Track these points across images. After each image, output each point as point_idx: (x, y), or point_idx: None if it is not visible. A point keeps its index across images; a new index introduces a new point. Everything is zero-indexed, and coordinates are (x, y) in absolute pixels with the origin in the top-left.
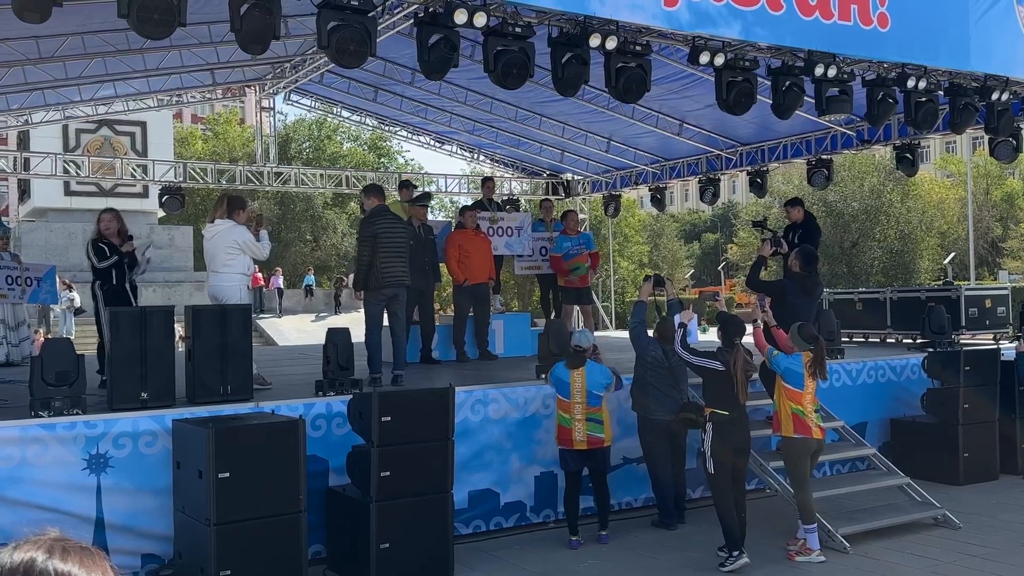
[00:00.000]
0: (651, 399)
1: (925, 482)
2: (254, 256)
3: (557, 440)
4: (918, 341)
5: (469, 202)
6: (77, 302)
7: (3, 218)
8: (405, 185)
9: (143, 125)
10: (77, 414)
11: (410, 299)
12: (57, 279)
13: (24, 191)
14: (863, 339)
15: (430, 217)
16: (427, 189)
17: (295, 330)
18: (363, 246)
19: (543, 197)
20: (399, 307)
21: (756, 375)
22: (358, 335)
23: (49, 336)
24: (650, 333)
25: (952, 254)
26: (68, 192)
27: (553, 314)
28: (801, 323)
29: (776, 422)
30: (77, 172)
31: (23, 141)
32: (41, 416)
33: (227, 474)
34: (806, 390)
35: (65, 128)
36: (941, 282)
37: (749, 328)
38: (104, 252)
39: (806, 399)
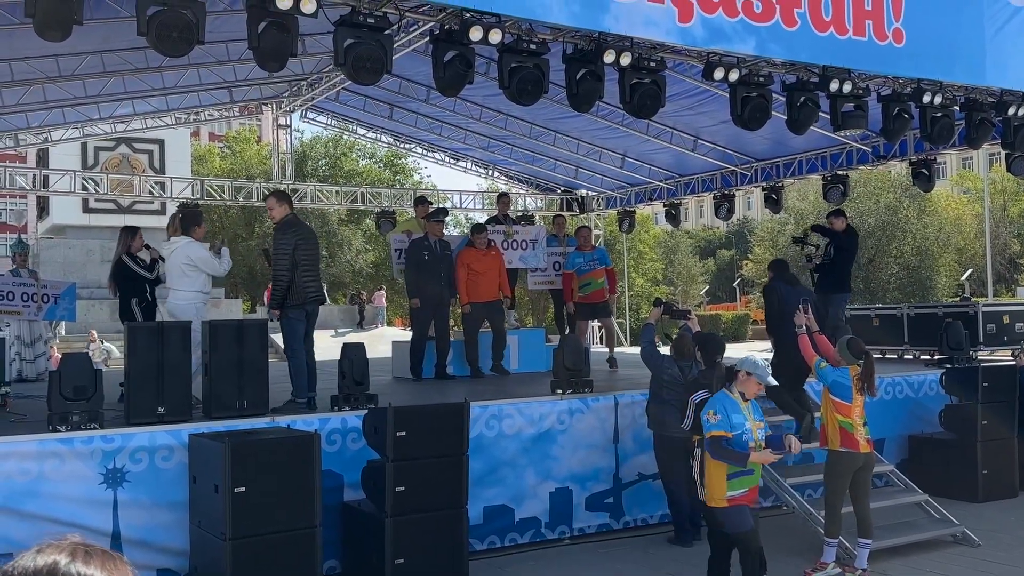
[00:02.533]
0: (668, 416)
1: (943, 499)
2: (212, 273)
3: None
4: (935, 357)
5: (484, 218)
6: (115, 353)
7: (21, 235)
8: (421, 201)
9: (161, 143)
10: (94, 428)
11: (426, 312)
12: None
13: (43, 208)
14: (880, 355)
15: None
16: (442, 205)
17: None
18: (282, 259)
19: (556, 213)
20: (311, 327)
21: None
22: (374, 351)
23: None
24: (664, 350)
25: (969, 270)
26: (86, 209)
27: (567, 330)
28: (851, 337)
29: (823, 435)
30: (96, 189)
31: (42, 159)
32: (59, 431)
33: (243, 488)
34: (855, 403)
35: (84, 146)
36: (959, 298)
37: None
38: (145, 264)
39: (855, 412)
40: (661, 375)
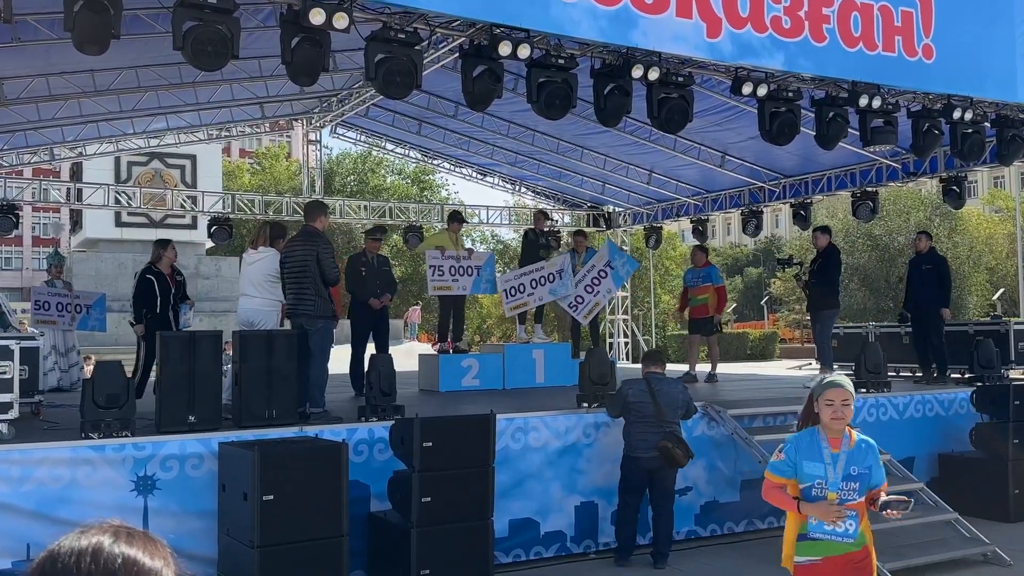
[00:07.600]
0: (633, 437)
1: (974, 518)
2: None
3: None
4: (966, 375)
5: (510, 235)
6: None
7: (57, 248)
8: (455, 217)
9: (193, 158)
10: (126, 436)
11: (363, 326)
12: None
13: (76, 222)
14: (910, 373)
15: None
16: (381, 224)
17: (335, 359)
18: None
19: (576, 229)
20: (311, 340)
21: None
22: (403, 365)
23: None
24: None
25: (1001, 290)
26: (119, 223)
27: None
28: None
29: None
30: (128, 203)
31: (76, 172)
32: (91, 438)
33: (271, 497)
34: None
35: (117, 160)
36: (990, 317)
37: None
38: (147, 291)
39: None
40: (627, 403)
